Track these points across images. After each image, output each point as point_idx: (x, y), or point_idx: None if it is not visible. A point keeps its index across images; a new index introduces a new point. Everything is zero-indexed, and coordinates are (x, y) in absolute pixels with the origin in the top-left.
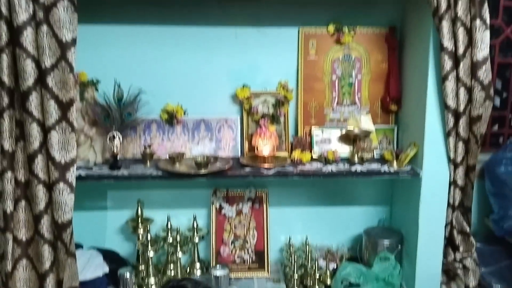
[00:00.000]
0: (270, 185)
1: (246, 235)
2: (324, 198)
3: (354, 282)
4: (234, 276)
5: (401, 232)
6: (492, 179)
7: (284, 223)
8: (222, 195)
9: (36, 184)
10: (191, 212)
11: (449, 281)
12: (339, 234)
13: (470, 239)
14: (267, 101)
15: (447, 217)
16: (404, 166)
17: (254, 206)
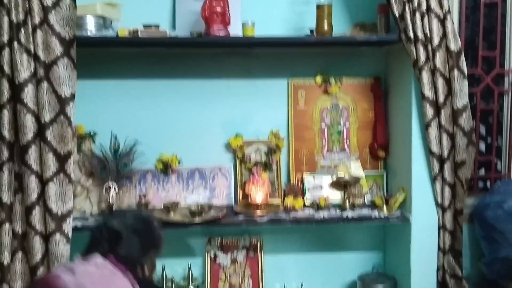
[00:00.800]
0: (265, 232)
1: (241, 284)
2: (318, 245)
3: None
4: None
5: (394, 278)
6: (481, 223)
7: (279, 270)
8: (217, 244)
9: (33, 236)
10: (186, 261)
11: None
12: (334, 280)
13: (462, 283)
14: (259, 149)
15: (439, 261)
16: (394, 211)
17: (249, 254)
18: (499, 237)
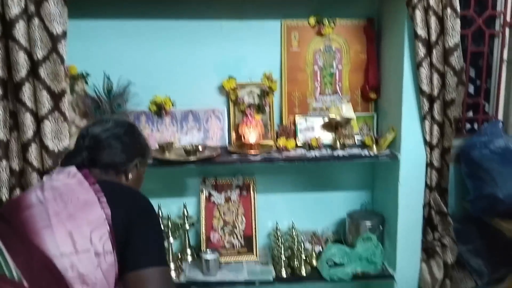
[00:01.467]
0: (257, 173)
1: (235, 221)
2: (308, 184)
3: (339, 262)
4: (224, 261)
5: (382, 214)
6: (467, 162)
7: (271, 209)
8: (211, 184)
9: (31, 172)
10: (181, 200)
11: (428, 259)
12: (323, 218)
13: (447, 219)
14: (252, 91)
15: (425, 198)
16: (383, 150)
17: (242, 193)
18: (484, 175)
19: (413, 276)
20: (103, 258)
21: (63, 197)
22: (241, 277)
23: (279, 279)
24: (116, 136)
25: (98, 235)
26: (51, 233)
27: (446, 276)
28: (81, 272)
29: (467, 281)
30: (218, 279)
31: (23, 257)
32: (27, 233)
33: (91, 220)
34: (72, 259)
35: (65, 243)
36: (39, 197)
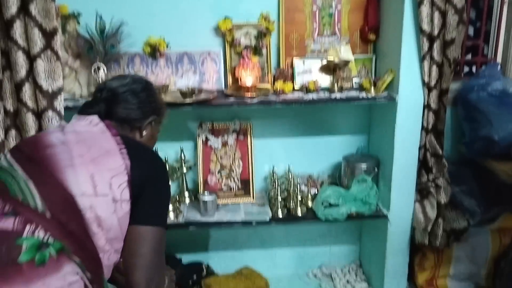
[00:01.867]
0: (254, 117)
1: (232, 165)
2: (305, 129)
3: (334, 203)
4: (221, 203)
5: (378, 157)
6: (465, 105)
7: (267, 153)
8: (208, 128)
9: (25, 113)
10: (178, 145)
11: (422, 199)
12: (319, 162)
13: (442, 161)
14: (249, 33)
15: (421, 140)
16: (381, 92)
17: (239, 137)
18: (480, 117)
19: (406, 216)
20: (119, 205)
21: (86, 141)
22: (238, 218)
23: (275, 219)
24: (133, 91)
25: (118, 182)
26: (74, 172)
27: (439, 216)
28: (99, 215)
29: (459, 220)
30: (216, 220)
31: (47, 189)
32: (50, 169)
33: (113, 167)
34: (92, 200)
35: (86, 184)
36: (60, 139)
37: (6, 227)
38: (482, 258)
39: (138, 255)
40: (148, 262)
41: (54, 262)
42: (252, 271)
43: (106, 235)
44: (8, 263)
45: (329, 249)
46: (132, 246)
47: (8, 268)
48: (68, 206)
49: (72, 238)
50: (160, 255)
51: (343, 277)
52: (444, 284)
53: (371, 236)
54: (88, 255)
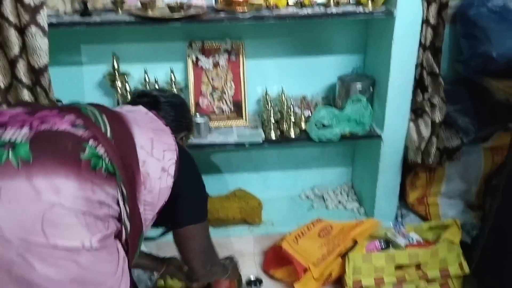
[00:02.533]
0: (246, 37)
1: (224, 87)
2: (299, 48)
3: (328, 124)
4: (214, 126)
5: (373, 77)
6: (464, 21)
7: (260, 74)
8: (198, 48)
9: (7, 27)
10: (168, 65)
11: (416, 118)
12: (314, 83)
13: (438, 79)
14: None
15: (418, 58)
16: (379, 7)
17: (230, 58)
18: (479, 34)
19: (400, 136)
20: (165, 176)
21: (147, 117)
22: (231, 140)
23: (268, 141)
24: (172, 104)
25: (168, 156)
26: (139, 129)
27: (432, 134)
28: (148, 172)
29: (453, 139)
30: (209, 141)
31: (116, 126)
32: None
33: (167, 142)
34: (147, 157)
35: (146, 142)
36: (124, 109)
37: (76, 132)
38: (474, 176)
39: (191, 250)
40: (200, 252)
41: (103, 176)
42: (245, 192)
43: (145, 196)
44: (71, 156)
45: (322, 171)
46: (186, 244)
47: (69, 159)
48: (130, 147)
49: (126, 171)
50: (208, 242)
51: (335, 198)
52: (434, 201)
53: (364, 157)
54: (132, 195)
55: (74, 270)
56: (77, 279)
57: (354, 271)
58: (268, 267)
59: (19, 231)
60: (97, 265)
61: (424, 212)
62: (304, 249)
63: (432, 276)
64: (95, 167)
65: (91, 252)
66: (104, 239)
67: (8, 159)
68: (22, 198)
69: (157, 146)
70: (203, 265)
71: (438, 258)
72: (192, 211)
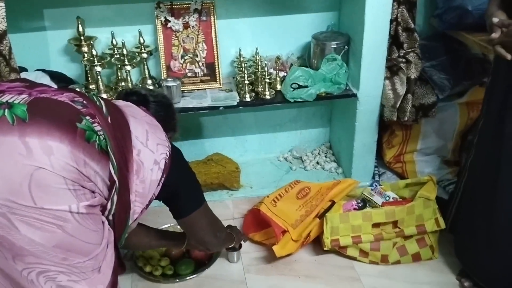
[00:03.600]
0: None
1: (195, 49)
2: (273, 7)
3: (303, 84)
4: (187, 89)
5: (348, 35)
6: None
7: (233, 35)
8: (167, 8)
9: None
10: (136, 28)
11: (392, 76)
12: (288, 43)
13: (414, 35)
14: None
15: (393, 13)
16: None
17: (201, 18)
18: None
19: (376, 94)
20: (156, 169)
21: (138, 111)
22: (205, 103)
23: (243, 103)
24: (161, 104)
25: (161, 150)
26: (134, 120)
27: (408, 92)
28: (142, 161)
29: (428, 95)
30: (182, 106)
31: (112, 110)
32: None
33: (160, 137)
34: (141, 147)
35: (141, 133)
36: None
37: (76, 107)
38: (450, 132)
39: (200, 230)
40: (208, 227)
41: (95, 150)
42: (223, 156)
43: (137, 186)
44: (68, 122)
45: (300, 133)
46: (194, 229)
47: (66, 124)
48: (125, 133)
49: (119, 154)
50: (211, 216)
51: (313, 158)
52: (411, 159)
53: (341, 116)
54: (123, 179)
55: (59, 236)
56: (61, 245)
57: (332, 231)
58: (247, 231)
59: (5, 191)
60: (82, 233)
61: (401, 170)
62: (282, 211)
63: (409, 233)
64: (89, 139)
65: (77, 219)
66: (91, 207)
67: (4, 115)
68: (13, 154)
69: (151, 139)
70: (214, 236)
71: (414, 214)
72: (191, 200)
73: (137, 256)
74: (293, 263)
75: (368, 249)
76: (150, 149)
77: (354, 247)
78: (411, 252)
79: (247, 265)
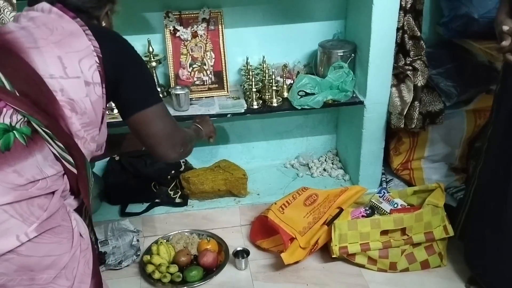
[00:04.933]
0: (225, 5)
1: (203, 57)
2: (280, 16)
3: (310, 91)
4: (195, 97)
5: (354, 43)
6: None
7: (240, 44)
8: (175, 17)
9: None
10: (145, 37)
11: (398, 83)
12: (295, 51)
13: (420, 43)
14: None
15: (399, 21)
16: None
17: (209, 27)
18: None
19: (383, 101)
20: (92, 88)
21: (48, 25)
22: (213, 111)
23: (250, 110)
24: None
25: (88, 64)
26: (40, 53)
27: (415, 99)
28: (71, 97)
29: (435, 103)
30: (190, 113)
31: (11, 68)
32: (13, 50)
33: (80, 49)
34: (62, 82)
35: (54, 66)
36: (18, 26)
37: None
38: (457, 139)
39: (151, 136)
40: (163, 136)
41: (21, 149)
42: (230, 163)
43: (81, 120)
44: None
45: (306, 140)
46: (142, 131)
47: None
48: (37, 86)
49: (46, 115)
50: (170, 123)
51: (320, 165)
52: (418, 166)
53: (347, 123)
54: (65, 137)
55: (15, 262)
56: (22, 268)
57: (340, 239)
58: (254, 238)
59: None
60: (41, 250)
61: (409, 177)
62: (290, 218)
63: (417, 240)
64: (8, 145)
65: (30, 242)
66: (43, 224)
67: None
68: None
69: (69, 62)
70: (172, 149)
71: (423, 222)
72: (140, 94)
73: (145, 262)
74: (301, 271)
75: (377, 257)
76: (74, 76)
77: (363, 255)
78: (419, 260)
79: (255, 272)
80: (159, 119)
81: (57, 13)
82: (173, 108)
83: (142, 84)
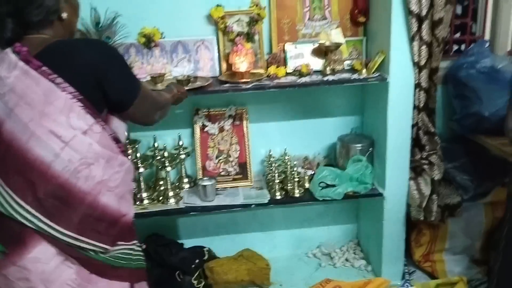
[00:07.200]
0: (249, 103)
1: (229, 150)
2: (300, 112)
3: (330, 183)
4: (220, 187)
5: (372, 137)
6: (455, 82)
7: (263, 137)
8: (204, 114)
9: None
10: (176, 132)
11: (416, 176)
12: (315, 144)
13: (435, 138)
14: (241, 20)
15: (413, 119)
16: (372, 73)
17: (235, 123)
18: (470, 94)
19: (401, 193)
20: (91, 132)
21: (25, 98)
22: (237, 201)
23: (273, 201)
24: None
25: (75, 116)
26: (37, 140)
27: (433, 192)
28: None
29: (453, 196)
30: (216, 204)
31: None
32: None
33: (60, 107)
34: (66, 151)
35: (53, 142)
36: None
37: None
38: (476, 231)
39: (143, 117)
40: (150, 111)
41: None
42: (253, 253)
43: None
44: None
45: (327, 229)
46: (137, 116)
47: None
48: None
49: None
50: (152, 100)
51: (342, 255)
52: (440, 258)
53: (368, 214)
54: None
55: None
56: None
57: None
58: None
59: None
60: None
61: (431, 268)
62: None
63: None
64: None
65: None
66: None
67: None
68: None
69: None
70: (157, 116)
71: None
72: (126, 90)
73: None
74: None
75: None
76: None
77: None
78: None
79: None
80: (147, 101)
81: (23, 70)
82: (200, 199)
83: (124, 80)
